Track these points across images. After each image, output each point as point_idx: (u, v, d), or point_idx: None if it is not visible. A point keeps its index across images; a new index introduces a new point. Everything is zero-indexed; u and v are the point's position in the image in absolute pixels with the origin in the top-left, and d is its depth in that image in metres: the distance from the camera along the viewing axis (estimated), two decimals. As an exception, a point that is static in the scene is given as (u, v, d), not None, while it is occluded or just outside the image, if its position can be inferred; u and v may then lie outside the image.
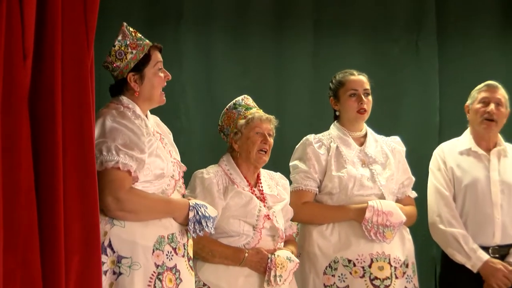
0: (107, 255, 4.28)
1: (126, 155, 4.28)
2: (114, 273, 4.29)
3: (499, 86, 5.41)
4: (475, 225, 5.28)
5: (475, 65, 6.33)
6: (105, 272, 4.27)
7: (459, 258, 5.23)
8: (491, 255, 5.22)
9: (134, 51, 4.48)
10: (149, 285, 4.30)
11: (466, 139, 5.45)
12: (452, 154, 5.42)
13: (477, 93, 5.40)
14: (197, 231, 4.46)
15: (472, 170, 5.35)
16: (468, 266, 5.21)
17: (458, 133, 5.56)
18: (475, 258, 5.19)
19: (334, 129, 5.27)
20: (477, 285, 5.24)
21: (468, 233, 5.25)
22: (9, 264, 3.84)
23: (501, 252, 5.25)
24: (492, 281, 5.18)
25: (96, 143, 4.28)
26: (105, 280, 4.25)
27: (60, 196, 3.99)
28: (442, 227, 5.28)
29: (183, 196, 4.66)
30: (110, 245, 4.29)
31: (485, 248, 5.23)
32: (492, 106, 5.32)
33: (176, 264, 4.41)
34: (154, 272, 4.32)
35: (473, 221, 5.28)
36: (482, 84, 5.43)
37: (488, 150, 5.39)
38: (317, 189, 5.18)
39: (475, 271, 5.20)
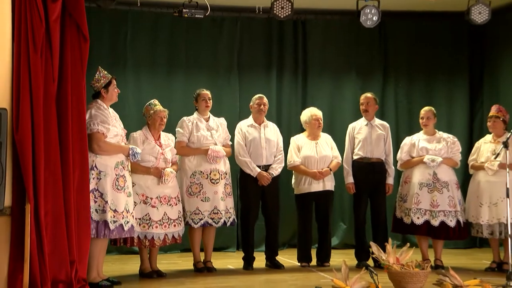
0: (94, 170, 4.28)
1: (101, 126, 4.28)
2: (98, 179, 4.29)
3: (264, 96, 5.39)
4: (255, 156, 5.24)
5: (255, 86, 6.28)
6: (93, 178, 4.23)
7: (248, 171, 5.22)
8: (262, 169, 5.21)
9: (103, 79, 4.45)
10: (113, 183, 4.33)
11: (250, 119, 5.37)
12: (244, 126, 5.34)
13: (255, 100, 5.36)
14: (132, 159, 4.53)
15: (253, 133, 5.29)
16: (252, 174, 5.20)
17: (247, 116, 5.46)
18: (255, 171, 5.19)
19: (195, 115, 5.17)
20: (256, 183, 5.20)
21: (252, 159, 5.22)
22: (46, 173, 3.85)
23: (265, 168, 5.23)
24: (262, 181, 5.19)
25: (88, 121, 4.22)
26: (93, 183, 4.25)
27: (69, 143, 4.00)
28: (240, 157, 5.25)
29: (126, 144, 4.58)
30: (95, 166, 4.29)
31: (259, 166, 5.21)
32: (262, 106, 5.32)
33: (124, 174, 4.44)
34: (115, 177, 4.36)
35: (254, 155, 5.24)
36: (257, 95, 5.39)
37: (259, 124, 5.32)
38: (188, 141, 5.07)
39: (254, 176, 5.20)
